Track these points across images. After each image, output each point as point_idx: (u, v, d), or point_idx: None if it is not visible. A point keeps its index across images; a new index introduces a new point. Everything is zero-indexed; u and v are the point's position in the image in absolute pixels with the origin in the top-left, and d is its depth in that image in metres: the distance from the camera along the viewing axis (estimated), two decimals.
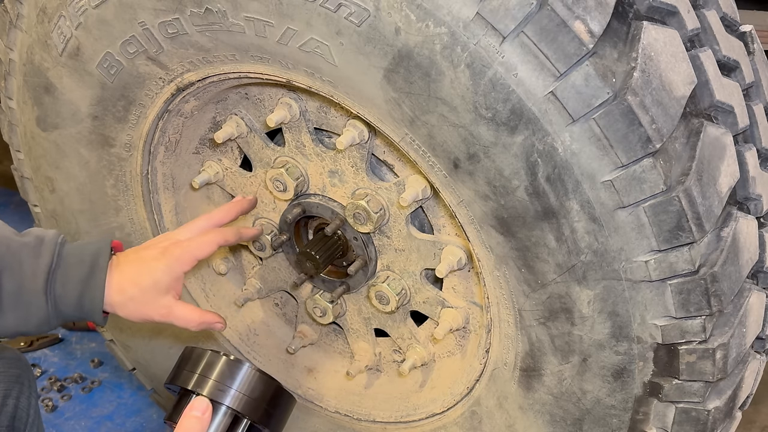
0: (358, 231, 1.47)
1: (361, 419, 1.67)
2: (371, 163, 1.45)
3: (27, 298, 1.27)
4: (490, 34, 1.02)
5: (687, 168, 1.06)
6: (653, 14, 1.08)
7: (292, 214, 1.54)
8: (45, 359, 2.46)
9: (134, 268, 1.32)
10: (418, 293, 1.53)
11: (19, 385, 1.56)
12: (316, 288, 1.68)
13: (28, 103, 1.55)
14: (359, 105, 1.20)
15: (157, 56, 1.34)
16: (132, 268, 1.32)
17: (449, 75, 1.05)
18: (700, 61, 1.11)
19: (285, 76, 1.27)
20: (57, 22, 1.38)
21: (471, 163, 1.12)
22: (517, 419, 1.38)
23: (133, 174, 1.58)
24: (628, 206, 1.06)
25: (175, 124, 1.52)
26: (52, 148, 1.59)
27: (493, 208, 1.15)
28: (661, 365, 1.17)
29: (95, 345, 2.53)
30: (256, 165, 1.58)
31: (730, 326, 1.16)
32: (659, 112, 1.03)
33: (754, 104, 1.25)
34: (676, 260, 1.08)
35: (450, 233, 1.45)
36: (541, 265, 1.16)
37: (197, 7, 1.21)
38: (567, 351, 1.23)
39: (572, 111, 1.02)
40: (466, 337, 1.54)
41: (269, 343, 1.83)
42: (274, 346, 1.83)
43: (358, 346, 1.70)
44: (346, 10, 1.08)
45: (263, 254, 1.68)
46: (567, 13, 0.99)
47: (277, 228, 1.62)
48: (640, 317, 1.13)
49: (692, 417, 1.20)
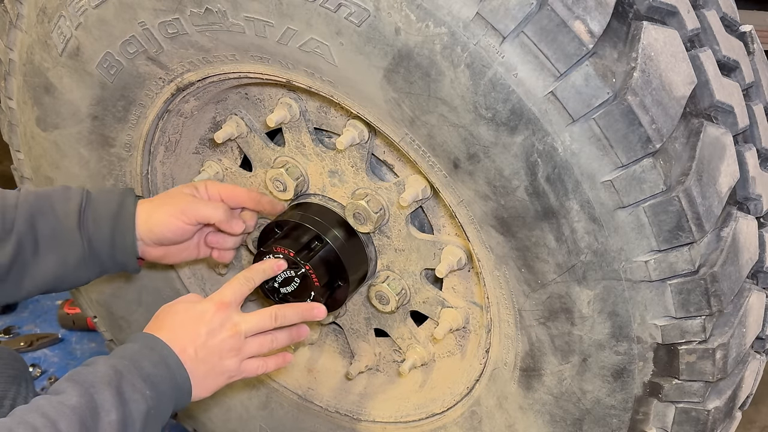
0: (359, 231, 1.47)
1: (361, 419, 1.67)
2: (371, 163, 1.45)
3: (63, 236, 1.34)
4: (490, 34, 1.02)
5: (687, 168, 1.06)
6: (653, 14, 1.08)
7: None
8: (45, 359, 2.46)
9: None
10: (418, 293, 1.53)
11: (16, 385, 1.56)
12: None
13: (28, 103, 1.55)
14: (359, 105, 1.20)
15: (157, 56, 1.34)
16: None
17: (449, 75, 1.05)
18: (700, 61, 1.11)
19: (285, 76, 1.27)
20: (57, 22, 1.38)
21: (471, 163, 1.12)
22: (517, 419, 1.38)
23: (133, 174, 1.58)
24: (628, 206, 1.06)
25: (175, 124, 1.52)
26: (52, 148, 1.59)
27: (493, 208, 1.15)
28: (661, 365, 1.17)
29: (95, 345, 2.52)
30: (256, 165, 1.58)
31: (730, 326, 1.16)
32: (659, 112, 1.03)
33: (754, 104, 1.25)
34: (676, 260, 1.08)
35: (450, 233, 1.45)
36: (541, 265, 1.16)
37: (197, 7, 1.21)
38: (567, 351, 1.23)
39: (572, 111, 1.02)
40: (466, 337, 1.54)
41: None
42: None
43: (358, 346, 1.70)
44: (346, 10, 1.08)
45: None
46: (567, 13, 0.99)
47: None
48: (640, 317, 1.13)
49: (692, 417, 1.20)
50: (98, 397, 1.09)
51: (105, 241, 1.36)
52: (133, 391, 1.12)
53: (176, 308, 1.27)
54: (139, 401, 1.12)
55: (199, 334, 1.23)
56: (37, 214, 1.33)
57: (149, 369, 1.16)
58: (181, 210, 1.39)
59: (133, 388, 1.12)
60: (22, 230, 1.31)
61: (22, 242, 1.31)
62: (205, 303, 1.27)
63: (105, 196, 1.38)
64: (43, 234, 1.33)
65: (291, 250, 1.40)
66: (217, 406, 1.87)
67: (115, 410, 1.09)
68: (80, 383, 1.09)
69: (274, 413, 1.80)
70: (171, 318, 1.26)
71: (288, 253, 1.40)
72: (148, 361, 1.17)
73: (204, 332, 1.23)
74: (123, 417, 1.10)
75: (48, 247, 1.33)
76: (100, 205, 1.37)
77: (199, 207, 1.41)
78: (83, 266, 1.36)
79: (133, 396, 1.12)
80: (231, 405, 1.85)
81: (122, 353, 1.18)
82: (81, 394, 1.07)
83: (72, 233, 1.34)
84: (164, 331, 1.22)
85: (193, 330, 1.23)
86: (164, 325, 1.24)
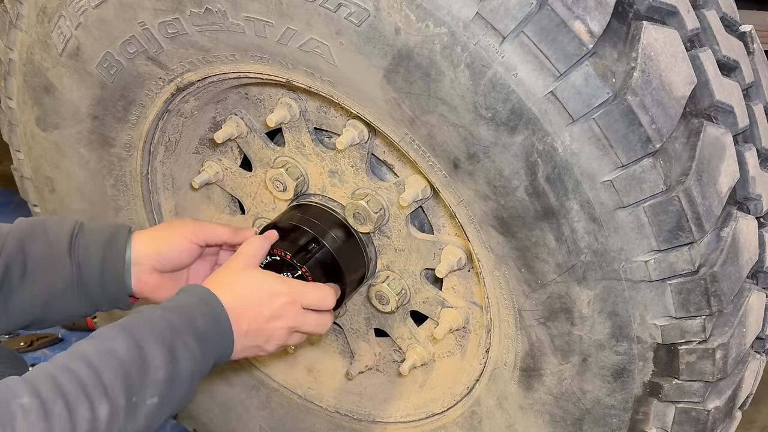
0: (358, 231, 1.47)
1: (361, 419, 1.67)
2: (371, 163, 1.45)
3: (52, 261, 1.30)
4: (490, 34, 1.02)
5: (687, 168, 1.06)
6: (653, 14, 1.08)
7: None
8: (45, 359, 2.44)
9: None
10: (418, 293, 1.53)
11: None
12: None
13: (28, 103, 1.55)
14: (359, 105, 1.20)
15: (157, 56, 1.34)
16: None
17: (449, 75, 1.05)
18: (700, 61, 1.11)
19: (285, 76, 1.27)
20: (57, 22, 1.38)
21: (471, 163, 1.12)
22: (517, 419, 1.38)
23: (132, 174, 1.58)
24: (628, 206, 1.06)
25: (175, 124, 1.52)
26: (52, 148, 1.59)
27: (493, 208, 1.15)
28: (661, 365, 1.17)
29: None
30: (256, 165, 1.58)
31: (730, 326, 1.16)
32: (659, 112, 1.03)
33: (754, 104, 1.25)
34: (675, 260, 1.08)
35: (450, 233, 1.45)
36: (541, 265, 1.16)
37: (197, 7, 1.21)
38: (567, 351, 1.23)
39: (572, 111, 1.02)
40: (465, 337, 1.54)
41: None
42: None
43: (358, 346, 1.70)
44: (346, 10, 1.08)
45: None
46: (567, 13, 0.99)
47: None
48: (640, 317, 1.13)
49: (692, 417, 1.20)
50: (149, 351, 1.05)
51: (95, 269, 1.32)
52: (185, 349, 1.09)
53: (250, 278, 1.25)
54: (188, 360, 1.09)
55: (261, 314, 1.22)
56: (29, 238, 1.30)
57: (202, 327, 1.13)
58: (191, 230, 1.38)
59: (185, 347, 1.09)
60: (12, 253, 1.28)
61: (10, 265, 1.28)
62: (281, 286, 1.25)
63: (98, 226, 1.36)
64: (32, 258, 1.29)
65: (288, 252, 1.40)
66: (217, 406, 1.87)
67: (164, 368, 1.06)
68: (131, 333, 1.05)
69: (274, 413, 1.80)
70: (240, 285, 1.23)
71: (285, 255, 1.40)
72: (203, 319, 1.14)
73: (266, 315, 1.22)
74: (171, 376, 1.06)
75: (36, 271, 1.30)
76: (92, 233, 1.34)
77: (207, 226, 1.41)
78: (71, 295, 1.33)
79: (184, 355, 1.09)
80: (231, 405, 1.85)
81: (178, 305, 1.15)
82: (130, 346, 1.04)
83: (62, 258, 1.31)
84: (228, 296, 1.19)
85: (258, 309, 1.22)
86: (231, 289, 1.21)
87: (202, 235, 1.39)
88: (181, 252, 1.38)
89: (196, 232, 1.39)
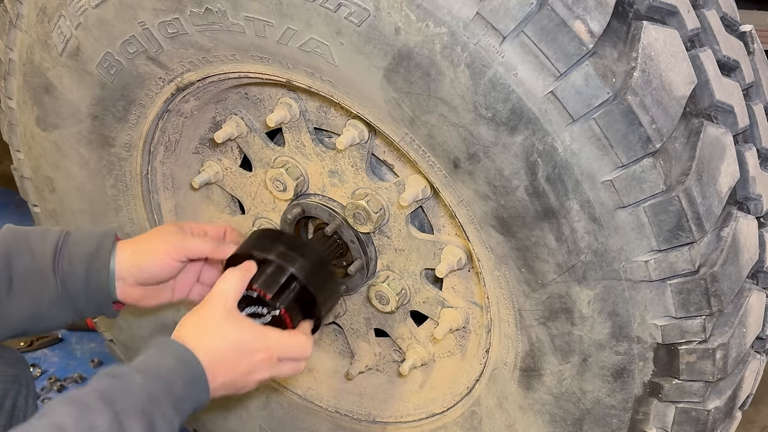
0: (358, 231, 1.47)
1: (361, 419, 1.67)
2: (371, 163, 1.45)
3: (37, 276, 1.30)
4: (490, 34, 1.02)
5: (687, 168, 1.06)
6: (653, 14, 1.08)
7: (292, 214, 1.54)
8: (45, 359, 2.46)
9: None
10: (418, 293, 1.53)
11: (17, 385, 1.56)
12: None
13: (28, 103, 1.55)
14: (359, 105, 1.20)
15: (157, 56, 1.34)
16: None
17: (449, 75, 1.05)
18: (700, 61, 1.11)
19: (285, 76, 1.27)
20: (57, 22, 1.38)
21: (471, 163, 1.12)
22: (517, 419, 1.38)
23: (132, 174, 1.58)
24: (628, 206, 1.06)
25: (175, 123, 1.52)
26: (52, 148, 1.59)
27: (493, 208, 1.15)
28: (661, 365, 1.17)
29: (95, 345, 2.52)
30: (256, 165, 1.58)
31: (730, 326, 1.16)
32: (659, 112, 1.03)
33: (754, 104, 1.25)
34: (676, 260, 1.08)
35: (450, 233, 1.45)
36: (541, 265, 1.16)
37: (197, 7, 1.21)
38: (567, 351, 1.23)
39: (572, 111, 1.02)
40: (466, 337, 1.54)
41: None
42: None
43: (358, 346, 1.70)
44: (346, 10, 1.08)
45: None
46: (567, 13, 0.99)
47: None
48: (640, 317, 1.13)
49: (692, 417, 1.20)
50: (128, 428, 1.05)
51: (79, 282, 1.32)
52: (164, 421, 1.10)
53: (229, 331, 1.22)
54: (166, 429, 1.10)
55: (238, 369, 1.22)
56: (13, 252, 1.30)
57: (180, 391, 1.13)
58: (173, 246, 1.36)
59: (163, 418, 1.10)
60: None
61: None
62: (260, 342, 1.24)
63: (83, 237, 1.35)
64: (17, 272, 1.29)
65: (267, 293, 1.31)
66: (217, 406, 1.87)
67: None
68: (112, 406, 1.06)
69: (274, 413, 1.80)
70: (218, 338, 1.21)
71: (264, 295, 1.31)
72: (181, 382, 1.14)
73: (243, 370, 1.22)
74: None
75: (22, 286, 1.30)
76: (76, 246, 1.33)
77: (188, 241, 1.38)
78: (57, 307, 1.33)
79: (162, 427, 1.10)
80: (231, 405, 1.85)
81: (158, 370, 1.14)
82: (111, 421, 1.04)
83: (46, 273, 1.31)
84: (205, 350, 1.18)
85: (234, 364, 1.21)
86: (209, 342, 1.20)
87: (183, 252, 1.37)
88: (162, 269, 1.37)
89: (177, 249, 1.36)
